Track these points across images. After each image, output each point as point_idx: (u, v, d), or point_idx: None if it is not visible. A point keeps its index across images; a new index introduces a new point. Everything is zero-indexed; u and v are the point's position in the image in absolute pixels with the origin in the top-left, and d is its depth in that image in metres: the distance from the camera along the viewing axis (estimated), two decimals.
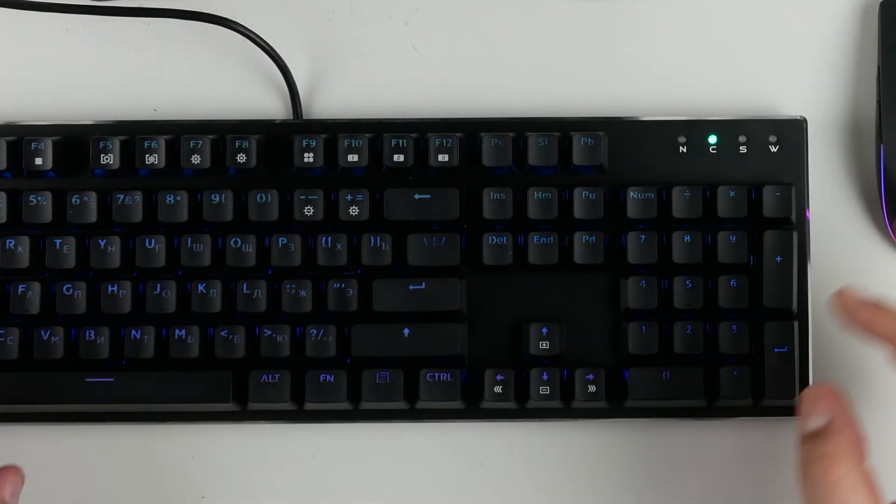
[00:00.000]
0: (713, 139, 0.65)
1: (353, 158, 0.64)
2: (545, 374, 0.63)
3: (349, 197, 0.64)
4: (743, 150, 0.65)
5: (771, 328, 0.63)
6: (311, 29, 0.69)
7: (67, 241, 0.64)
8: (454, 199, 0.64)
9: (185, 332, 0.63)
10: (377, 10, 0.69)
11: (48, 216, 0.64)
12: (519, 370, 0.64)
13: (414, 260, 0.64)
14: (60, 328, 0.64)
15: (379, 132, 0.65)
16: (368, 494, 0.66)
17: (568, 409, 0.64)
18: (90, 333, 0.63)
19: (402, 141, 0.64)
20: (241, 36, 0.67)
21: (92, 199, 0.64)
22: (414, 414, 0.64)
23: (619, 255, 0.64)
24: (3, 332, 0.63)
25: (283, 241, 0.64)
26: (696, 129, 0.65)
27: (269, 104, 0.68)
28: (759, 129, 0.65)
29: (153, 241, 0.64)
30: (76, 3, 0.66)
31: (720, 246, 0.64)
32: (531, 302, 0.64)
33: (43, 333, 0.63)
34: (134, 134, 0.65)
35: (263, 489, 0.66)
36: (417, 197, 0.64)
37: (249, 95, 0.68)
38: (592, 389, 0.63)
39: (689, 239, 0.64)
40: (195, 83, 0.68)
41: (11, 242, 0.64)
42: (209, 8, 0.67)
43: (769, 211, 0.64)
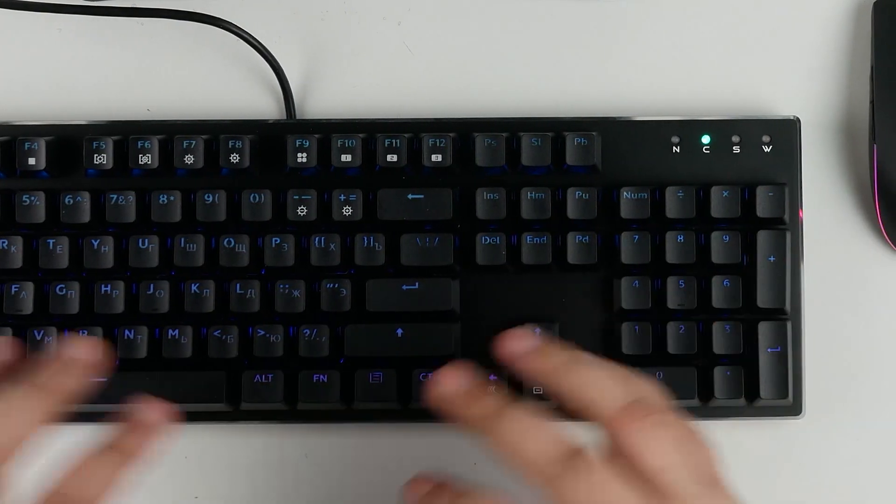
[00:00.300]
0: (706, 139, 0.65)
1: (346, 158, 0.64)
2: None
3: (342, 197, 0.64)
4: (736, 150, 0.65)
5: (764, 328, 0.63)
6: (304, 29, 0.69)
7: (61, 241, 0.64)
8: (447, 199, 0.64)
9: (178, 332, 0.63)
10: (370, 10, 0.69)
11: (41, 216, 0.64)
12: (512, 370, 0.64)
13: (407, 260, 0.64)
14: (53, 328, 0.64)
15: (372, 132, 0.65)
16: (361, 495, 0.65)
17: (561, 409, 0.64)
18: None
19: (395, 141, 0.64)
20: (234, 36, 0.67)
21: (85, 199, 0.64)
22: (407, 414, 0.64)
23: (612, 255, 0.64)
24: None
25: (276, 241, 0.64)
26: (689, 129, 0.65)
27: (262, 104, 0.68)
28: (752, 129, 0.65)
29: (146, 241, 0.64)
30: (69, 3, 0.66)
31: (713, 246, 0.64)
32: (524, 302, 0.64)
33: (36, 333, 0.64)
34: (127, 134, 0.65)
35: (257, 489, 0.66)
36: (411, 197, 0.64)
37: (243, 95, 0.68)
38: None
39: (682, 239, 0.64)
40: (188, 83, 0.68)
41: (4, 242, 0.64)
42: (202, 8, 0.67)
43: (762, 211, 0.64)
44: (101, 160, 0.64)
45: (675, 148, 0.65)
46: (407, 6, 0.69)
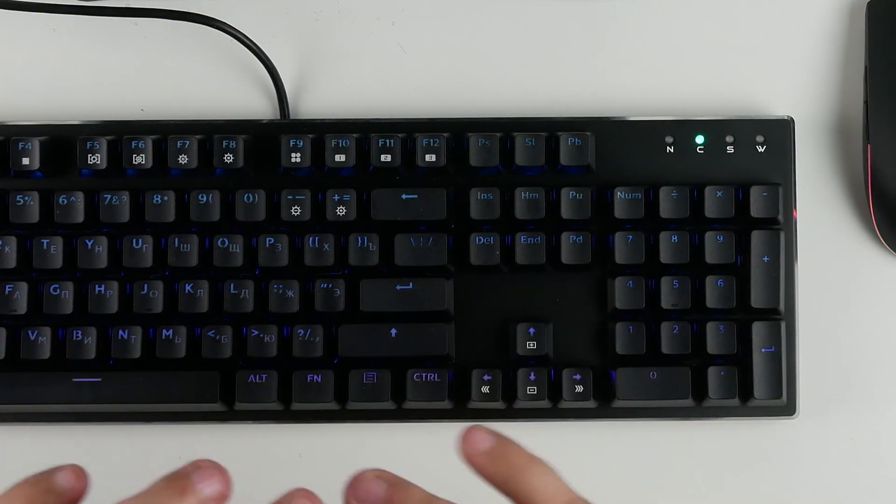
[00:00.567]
0: (700, 139, 0.65)
1: (340, 158, 0.64)
2: (532, 374, 0.63)
3: (336, 197, 0.64)
4: (730, 150, 0.65)
5: (758, 328, 0.63)
6: (298, 29, 0.69)
7: (54, 241, 0.64)
8: (441, 199, 0.64)
9: (172, 332, 0.63)
10: (364, 10, 0.69)
11: (35, 216, 0.64)
12: (506, 370, 0.64)
13: (401, 260, 0.64)
14: (47, 328, 0.63)
15: (366, 132, 0.65)
16: None
17: (555, 409, 0.64)
18: (77, 333, 0.63)
19: (389, 141, 0.64)
20: (228, 36, 0.67)
21: (79, 199, 0.64)
22: (401, 414, 0.64)
23: (606, 255, 0.64)
24: None
25: (270, 241, 0.64)
26: (683, 129, 0.65)
27: (256, 104, 0.68)
28: (746, 129, 0.65)
29: (140, 241, 0.64)
30: (63, 3, 0.66)
31: (707, 246, 0.64)
32: (518, 302, 0.64)
33: (30, 333, 0.63)
34: (121, 134, 0.65)
35: (251, 489, 0.66)
36: (405, 197, 0.64)
37: (236, 95, 0.68)
38: (580, 390, 0.63)
39: (676, 239, 0.64)
40: (182, 83, 0.68)
41: None
42: (196, 8, 0.67)
43: (756, 211, 0.64)
44: (94, 160, 0.64)
45: (669, 148, 0.65)
46: (401, 6, 0.69)
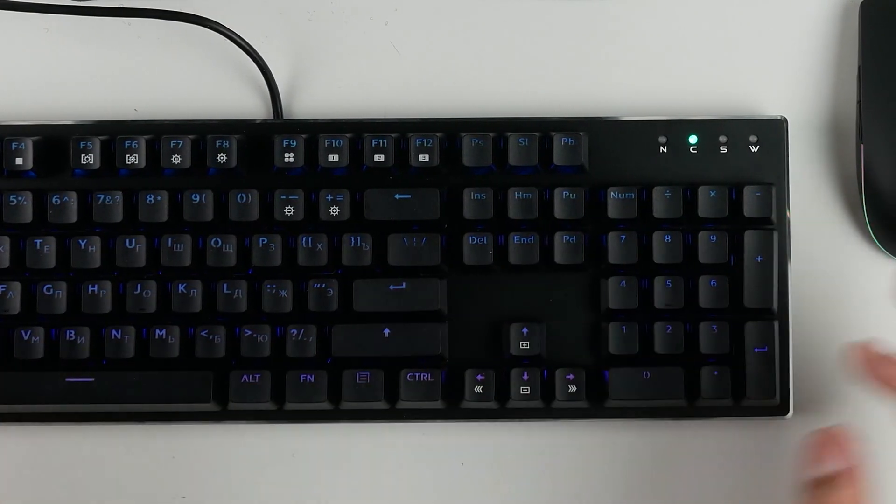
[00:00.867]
0: (693, 139, 0.65)
1: (333, 158, 0.64)
2: (525, 374, 0.63)
3: (329, 197, 0.64)
4: (723, 150, 0.65)
5: (751, 328, 0.63)
6: (291, 29, 0.69)
7: (48, 241, 0.64)
8: (435, 199, 0.64)
9: (165, 332, 0.63)
10: (357, 9, 0.69)
11: (28, 216, 0.64)
12: (499, 370, 0.64)
13: (394, 260, 0.64)
14: (41, 328, 0.63)
15: (359, 132, 0.65)
16: (349, 495, 0.66)
17: (548, 409, 0.64)
18: (70, 333, 0.63)
19: (382, 141, 0.64)
20: (221, 36, 0.67)
21: (72, 199, 0.64)
22: (394, 414, 0.64)
23: (599, 255, 0.64)
24: None
25: (263, 241, 0.64)
26: (676, 129, 0.65)
27: (249, 104, 0.68)
28: (739, 129, 0.65)
29: (134, 241, 0.64)
30: (57, 3, 0.66)
31: (700, 246, 0.64)
32: (512, 302, 0.64)
33: (23, 333, 0.63)
34: (114, 134, 0.65)
35: (244, 489, 0.66)
36: (398, 197, 0.64)
37: (230, 95, 0.68)
38: (573, 389, 0.63)
39: (669, 239, 0.64)
40: (175, 83, 0.68)
41: None
42: (189, 8, 0.67)
43: (750, 211, 0.64)
44: (88, 160, 0.64)
45: (662, 148, 0.65)
46: (394, 6, 0.69)
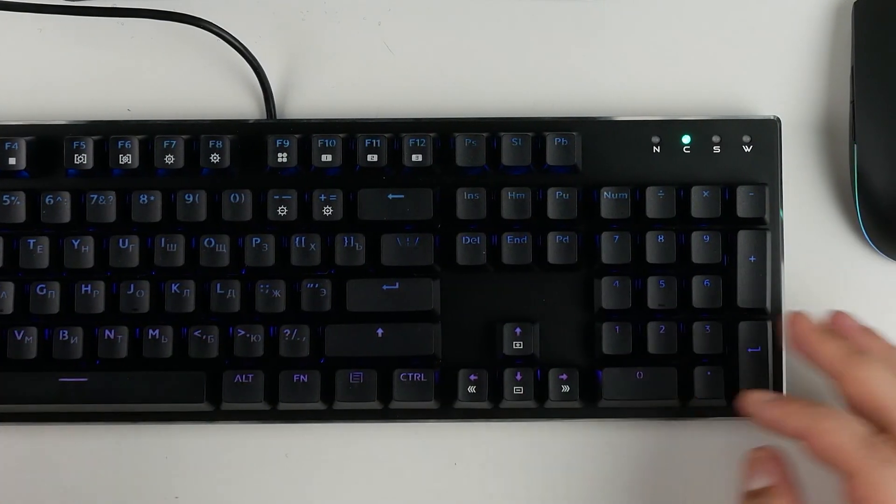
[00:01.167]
0: (687, 139, 0.65)
1: (326, 158, 0.64)
2: (519, 374, 0.63)
3: (323, 197, 0.64)
4: (716, 150, 0.65)
5: (744, 328, 0.63)
6: (284, 29, 0.69)
7: (41, 241, 0.64)
8: (428, 199, 0.64)
9: (158, 332, 0.63)
10: (350, 10, 0.69)
11: (21, 216, 0.64)
12: (493, 370, 0.64)
13: (388, 260, 0.64)
14: (34, 328, 0.63)
15: (352, 132, 0.65)
16: (342, 495, 0.66)
17: (541, 409, 0.64)
18: (64, 333, 0.63)
19: (375, 141, 0.64)
20: (214, 36, 0.67)
21: (65, 199, 0.64)
22: (387, 414, 0.64)
23: (592, 255, 0.64)
24: None
25: (256, 241, 0.64)
26: (669, 129, 0.65)
27: (242, 104, 0.68)
28: (732, 129, 0.65)
29: (127, 241, 0.64)
30: (50, 2, 0.66)
31: (694, 246, 0.64)
32: (505, 302, 0.64)
33: (16, 333, 0.63)
34: (108, 134, 0.65)
35: (237, 489, 0.66)
36: (391, 197, 0.64)
37: (223, 95, 0.68)
38: (566, 389, 0.63)
39: (662, 239, 0.64)
40: (169, 83, 0.68)
41: None
42: (183, 8, 0.67)
43: (743, 211, 0.64)
44: (81, 160, 0.64)
45: (655, 148, 0.65)
46: (387, 6, 0.69)
